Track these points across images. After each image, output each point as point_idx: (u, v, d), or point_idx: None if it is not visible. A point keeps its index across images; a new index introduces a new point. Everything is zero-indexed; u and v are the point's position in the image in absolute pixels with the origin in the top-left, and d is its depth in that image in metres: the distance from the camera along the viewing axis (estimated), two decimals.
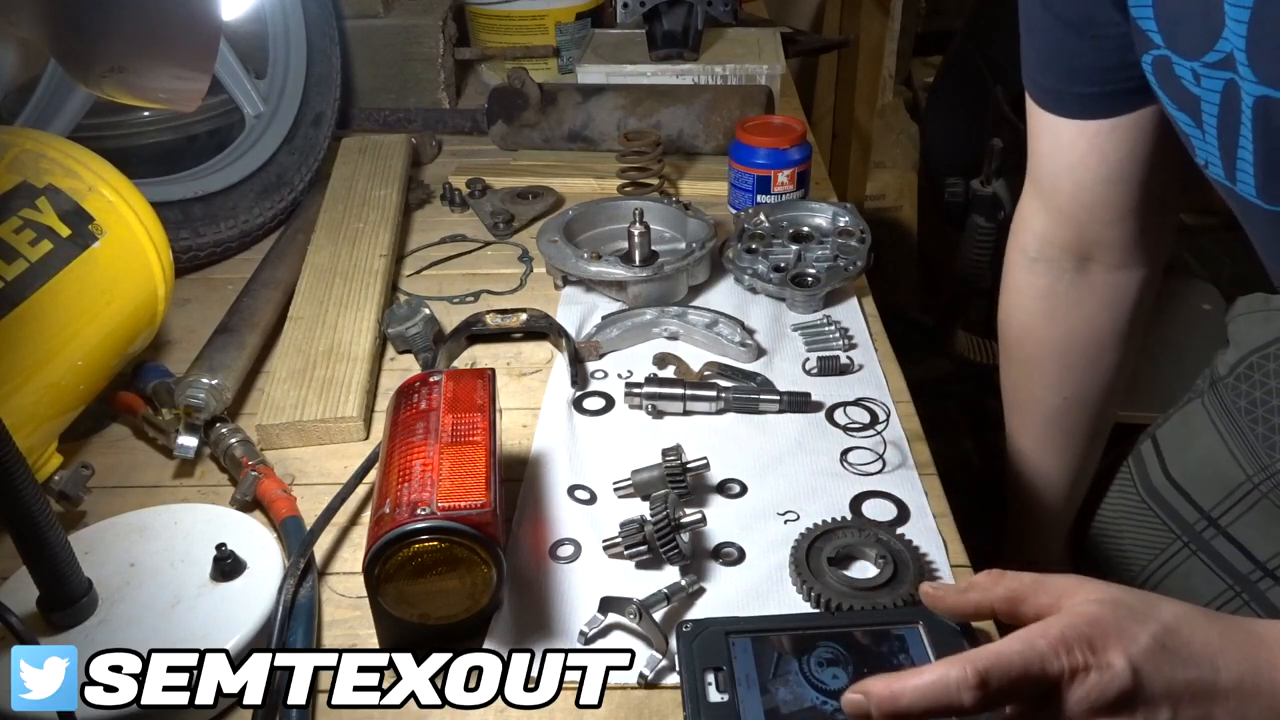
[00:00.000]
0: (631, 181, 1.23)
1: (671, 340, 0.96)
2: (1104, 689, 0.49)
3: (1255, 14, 0.56)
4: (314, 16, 1.33)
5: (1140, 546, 0.97)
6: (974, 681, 0.48)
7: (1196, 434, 0.92)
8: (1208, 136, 0.65)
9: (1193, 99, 0.64)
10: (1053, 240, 0.89)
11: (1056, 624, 0.51)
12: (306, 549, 0.70)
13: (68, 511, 0.77)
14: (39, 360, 0.74)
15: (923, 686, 0.49)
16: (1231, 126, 0.63)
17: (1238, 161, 0.64)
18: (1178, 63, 0.64)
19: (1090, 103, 0.78)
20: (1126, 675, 0.49)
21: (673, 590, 0.67)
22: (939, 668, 0.49)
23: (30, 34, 0.68)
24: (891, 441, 0.81)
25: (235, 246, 1.15)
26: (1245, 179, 0.64)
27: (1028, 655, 0.49)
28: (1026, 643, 0.50)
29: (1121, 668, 0.49)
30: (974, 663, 0.49)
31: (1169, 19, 0.64)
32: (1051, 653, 0.49)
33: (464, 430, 0.68)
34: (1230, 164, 0.65)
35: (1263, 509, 0.87)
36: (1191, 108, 0.65)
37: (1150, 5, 0.65)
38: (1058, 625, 0.51)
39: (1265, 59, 0.57)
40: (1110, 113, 0.78)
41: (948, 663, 0.49)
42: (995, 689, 0.48)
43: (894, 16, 1.89)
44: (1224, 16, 0.58)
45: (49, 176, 0.80)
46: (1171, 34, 0.64)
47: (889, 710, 0.49)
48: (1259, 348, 0.88)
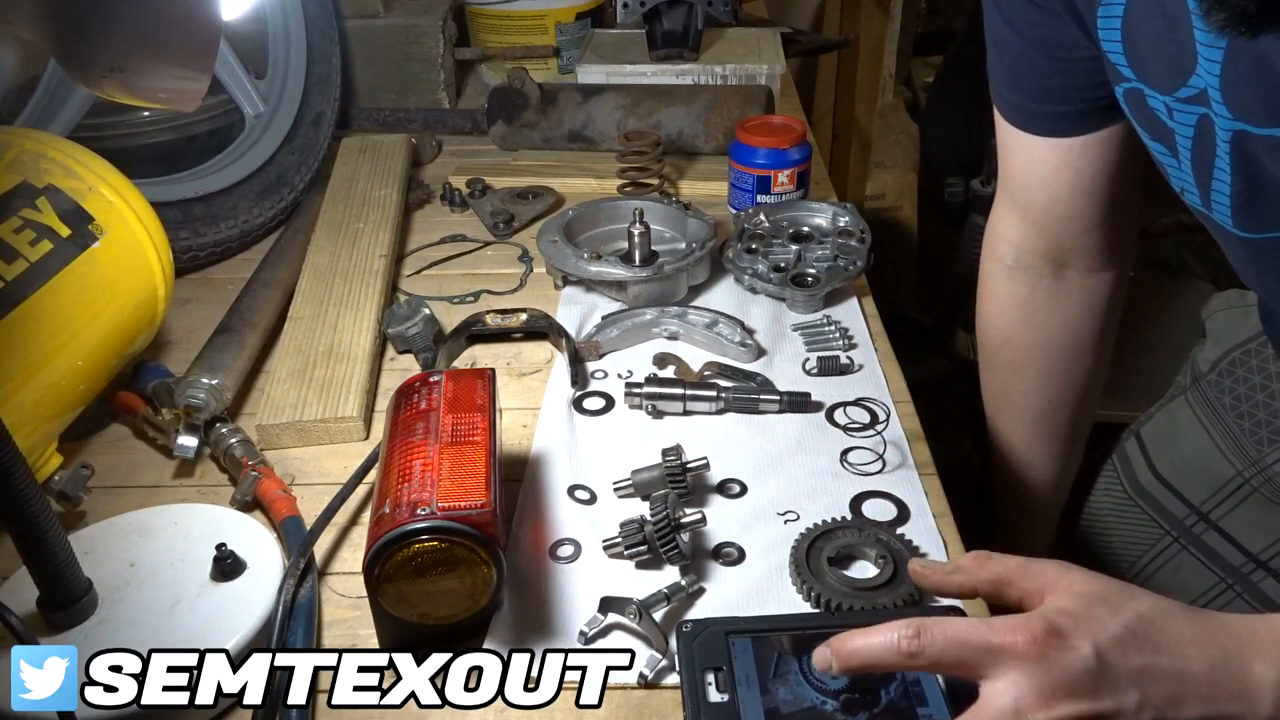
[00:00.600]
0: (631, 181, 1.23)
1: (671, 340, 0.96)
2: (1065, 668, 0.49)
3: (1228, 54, 0.56)
4: (314, 16, 1.33)
5: (1129, 543, 0.98)
6: (910, 632, 0.51)
7: (1182, 431, 0.93)
8: (1183, 166, 0.66)
9: (1168, 131, 0.65)
10: (1029, 249, 0.90)
11: (1025, 615, 0.52)
12: (306, 549, 0.70)
13: (68, 511, 0.77)
14: (39, 360, 0.74)
15: (871, 633, 0.52)
16: (1206, 158, 0.63)
17: (1213, 192, 0.65)
18: (1151, 95, 0.65)
19: (1060, 121, 0.78)
20: (1090, 658, 0.49)
21: (673, 590, 0.67)
22: (892, 623, 0.52)
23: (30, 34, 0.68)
24: (891, 441, 0.81)
25: (235, 246, 1.15)
26: (1221, 208, 0.65)
27: (976, 625, 0.51)
28: (985, 620, 0.52)
29: (1086, 651, 0.50)
30: (920, 620, 0.51)
31: (1138, 54, 0.64)
32: (1005, 628, 0.50)
33: (464, 430, 0.68)
34: (1206, 193, 0.65)
35: (1254, 502, 0.87)
36: (1167, 139, 0.66)
37: (1119, 40, 0.65)
38: (1025, 615, 0.52)
39: (1239, 95, 0.57)
40: (1081, 130, 0.78)
41: (900, 620, 0.52)
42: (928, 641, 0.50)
43: (894, 16, 1.88)
44: (1196, 55, 0.58)
45: (49, 176, 0.80)
46: (1142, 68, 0.64)
47: (844, 652, 0.52)
48: (1240, 344, 0.89)
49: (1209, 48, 0.57)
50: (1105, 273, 0.90)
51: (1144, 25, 0.62)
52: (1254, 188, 0.62)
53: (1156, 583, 0.96)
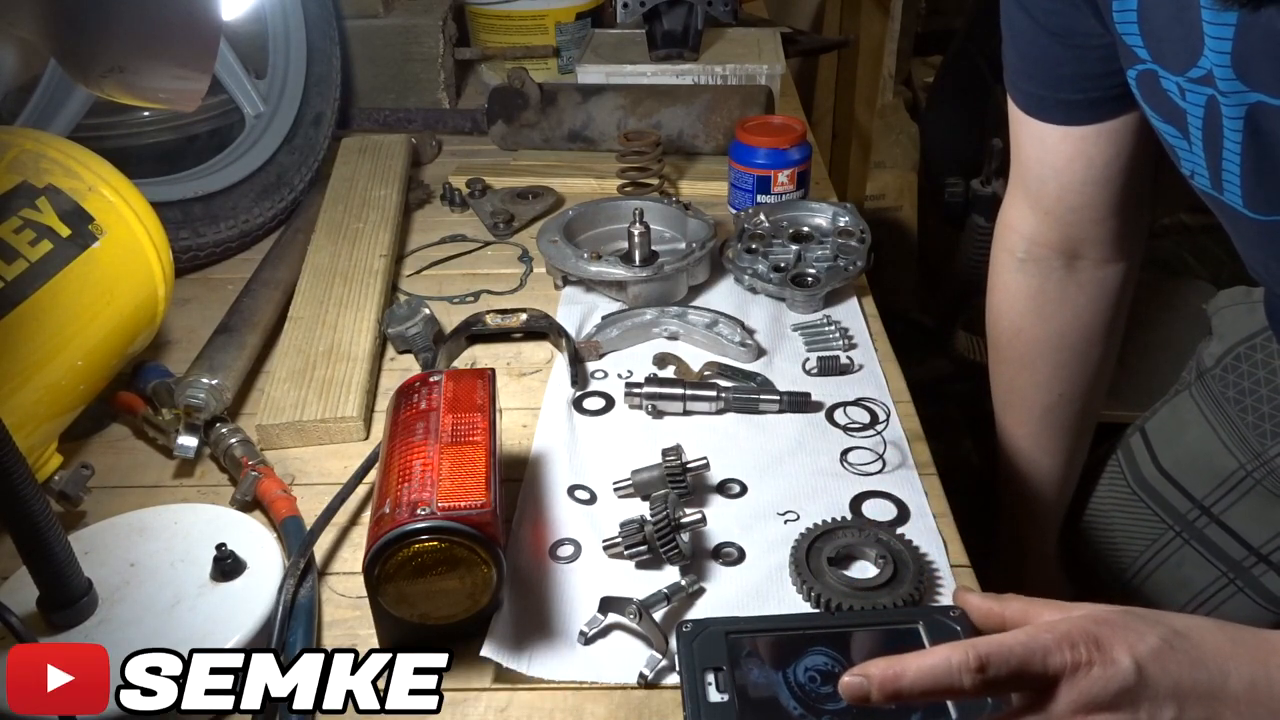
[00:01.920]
0: (631, 181, 1.23)
1: (671, 340, 0.96)
2: (1106, 683, 0.49)
3: (1240, 29, 0.57)
4: (314, 16, 1.33)
5: (1131, 538, 0.98)
6: (974, 665, 0.48)
7: (1186, 425, 0.93)
8: (1194, 148, 0.66)
9: (1179, 112, 0.65)
10: (1041, 240, 0.90)
11: (1065, 622, 0.51)
12: (306, 549, 0.70)
13: (68, 511, 0.77)
14: (39, 360, 0.74)
15: (925, 667, 0.49)
16: (1216, 139, 0.63)
17: (1224, 173, 0.65)
18: (1164, 76, 0.65)
19: (1075, 109, 0.79)
20: (1130, 671, 0.49)
21: (673, 590, 0.67)
22: (942, 650, 0.50)
23: (30, 34, 0.68)
24: (891, 441, 0.81)
25: (235, 246, 1.15)
26: (1232, 189, 0.65)
27: (1030, 646, 0.50)
28: (1031, 635, 0.50)
29: (1126, 664, 0.49)
30: (976, 648, 0.49)
31: (1154, 35, 0.65)
32: (1055, 646, 0.50)
33: (464, 430, 0.68)
34: (1216, 175, 0.65)
35: (1257, 496, 0.88)
36: (1178, 120, 0.66)
37: (1135, 22, 0.65)
38: (1065, 623, 0.51)
39: (1256, 69, 0.58)
40: (1095, 119, 0.79)
41: (951, 647, 0.50)
42: (994, 675, 0.49)
43: (894, 16, 1.88)
44: (1203, 37, 0.59)
45: (49, 176, 0.80)
46: (1158, 49, 0.65)
47: (890, 690, 0.49)
48: (1245, 339, 0.89)
49: (1216, 25, 0.58)
50: (1116, 264, 0.90)
51: (1159, 6, 0.63)
52: (1266, 166, 0.62)
53: (1159, 578, 0.96)
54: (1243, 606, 0.91)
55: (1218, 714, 0.50)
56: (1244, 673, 0.50)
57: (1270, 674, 0.51)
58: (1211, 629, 0.52)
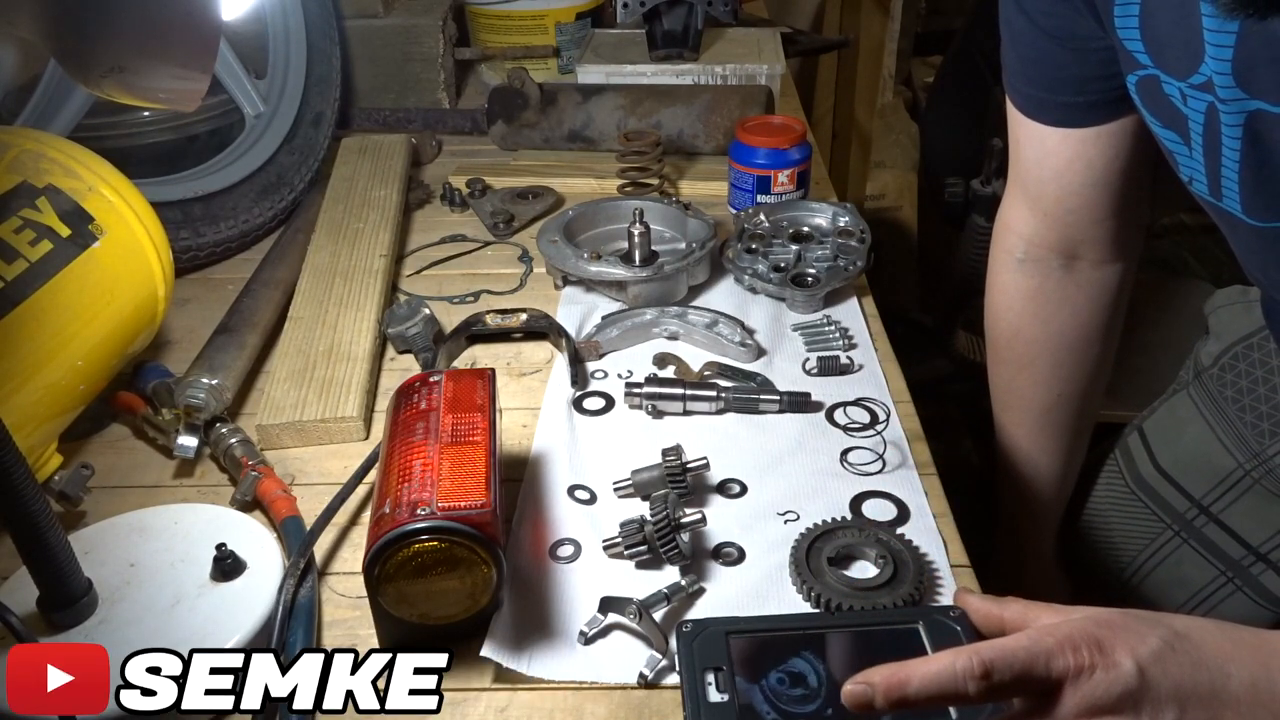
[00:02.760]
0: (631, 181, 1.23)
1: (671, 340, 0.96)
2: (1109, 686, 0.49)
3: (1241, 37, 0.57)
4: (314, 16, 1.33)
5: (1130, 537, 0.98)
6: (979, 671, 0.48)
7: (1184, 424, 0.93)
8: (1194, 154, 0.66)
9: (1181, 117, 0.65)
10: (1040, 241, 0.90)
11: (1066, 625, 0.51)
12: (306, 549, 0.70)
13: (68, 511, 0.77)
14: (39, 360, 0.74)
15: (930, 674, 0.49)
16: (1215, 146, 0.64)
17: (1222, 180, 0.65)
18: (1166, 81, 0.65)
19: (1074, 112, 0.79)
20: (1133, 674, 0.49)
21: (673, 590, 0.67)
22: (946, 657, 0.49)
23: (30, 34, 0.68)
24: (891, 441, 0.81)
25: (235, 246, 1.15)
26: (1230, 196, 0.65)
27: (1034, 651, 0.50)
28: (1034, 639, 0.50)
29: (1128, 667, 0.49)
30: (980, 654, 0.49)
31: (1156, 41, 0.65)
32: (1058, 649, 0.49)
33: (464, 430, 0.68)
34: (1215, 181, 0.66)
35: (1255, 495, 0.88)
36: (1180, 126, 0.66)
37: (1137, 28, 0.65)
38: (1067, 626, 0.51)
39: (1256, 76, 0.58)
40: (1094, 121, 0.79)
41: (954, 652, 0.49)
42: (999, 681, 0.49)
43: (894, 16, 1.89)
44: (1204, 44, 0.59)
45: (49, 176, 0.80)
46: (1159, 55, 0.65)
47: (895, 696, 0.49)
48: (1242, 338, 0.89)
49: (1216, 33, 0.58)
50: (1114, 265, 0.91)
51: (1162, 11, 0.63)
52: (1265, 173, 0.62)
53: (1157, 577, 0.96)
54: (1241, 606, 0.91)
55: (1219, 715, 0.50)
56: (1245, 674, 0.50)
57: (1271, 675, 0.51)
58: (1212, 630, 0.52)
